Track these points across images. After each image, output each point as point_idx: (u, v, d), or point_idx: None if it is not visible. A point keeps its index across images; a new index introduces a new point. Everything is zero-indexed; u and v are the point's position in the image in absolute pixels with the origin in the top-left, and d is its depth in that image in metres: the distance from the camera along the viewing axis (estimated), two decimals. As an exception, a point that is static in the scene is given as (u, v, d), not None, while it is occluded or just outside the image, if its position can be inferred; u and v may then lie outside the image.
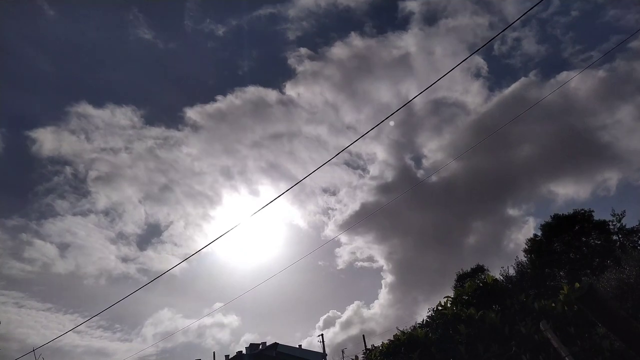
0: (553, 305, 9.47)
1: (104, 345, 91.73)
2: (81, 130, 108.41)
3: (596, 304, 3.41)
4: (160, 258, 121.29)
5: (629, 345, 3.59)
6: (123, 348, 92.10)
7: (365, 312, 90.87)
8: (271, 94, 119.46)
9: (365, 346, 41.73)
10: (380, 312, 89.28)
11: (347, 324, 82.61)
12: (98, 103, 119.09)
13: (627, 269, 11.76)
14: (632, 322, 3.44)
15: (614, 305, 3.68)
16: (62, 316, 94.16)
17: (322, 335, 50.92)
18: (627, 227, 30.67)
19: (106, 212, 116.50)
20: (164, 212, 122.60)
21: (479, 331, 9.19)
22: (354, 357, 41.70)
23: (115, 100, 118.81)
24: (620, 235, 30.77)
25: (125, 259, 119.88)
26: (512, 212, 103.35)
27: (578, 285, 9.52)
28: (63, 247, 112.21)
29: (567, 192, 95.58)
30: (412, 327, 12.22)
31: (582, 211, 31.51)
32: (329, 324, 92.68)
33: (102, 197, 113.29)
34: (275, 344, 51.02)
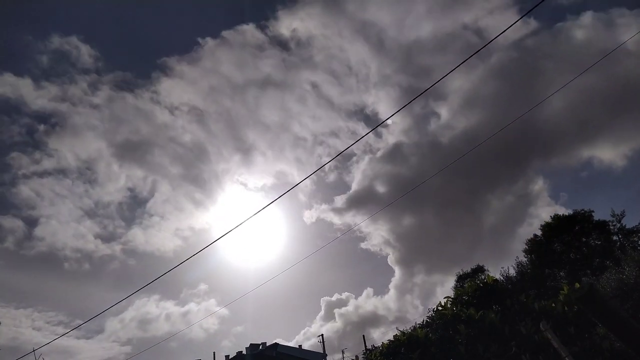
0: (553, 305, 9.47)
1: (68, 343, 78.75)
2: (30, 71, 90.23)
3: (596, 304, 3.42)
4: (148, 236, 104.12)
5: (629, 345, 3.60)
6: (89, 347, 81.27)
7: (375, 302, 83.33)
8: (259, 35, 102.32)
9: (365, 346, 41.76)
10: (391, 301, 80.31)
11: (348, 316, 76.42)
12: (45, 36, 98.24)
13: (627, 269, 11.77)
14: (632, 322, 3.44)
15: (614, 305, 3.69)
16: (13, 310, 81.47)
17: (322, 335, 50.91)
18: (627, 227, 30.74)
19: (79, 173, 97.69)
20: (143, 174, 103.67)
21: (479, 331, 9.19)
22: (354, 358, 41.75)
23: (66, 32, 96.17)
24: (620, 236, 30.81)
25: (107, 239, 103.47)
26: (538, 181, 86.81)
27: (578, 285, 9.57)
28: (32, 223, 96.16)
29: (603, 157, 79.98)
30: (412, 328, 12.23)
31: (582, 211, 31.58)
32: (329, 316, 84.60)
33: (69, 155, 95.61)
34: (276, 344, 51.07)
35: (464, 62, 8.94)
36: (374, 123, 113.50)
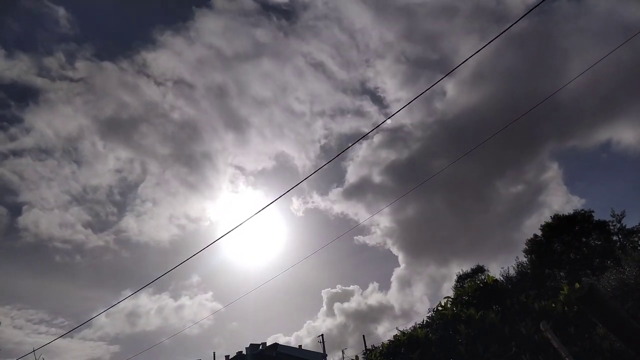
0: (553, 305, 9.47)
1: (48, 341, 76.34)
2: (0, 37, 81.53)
3: (596, 304, 3.41)
4: (141, 224, 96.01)
5: (629, 345, 3.59)
6: (73, 345, 75.32)
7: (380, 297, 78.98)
8: (250, 1, 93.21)
9: (365, 346, 41.78)
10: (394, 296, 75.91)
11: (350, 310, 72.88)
12: None
13: (627, 269, 11.75)
14: (632, 322, 3.44)
15: (614, 305, 3.68)
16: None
17: (322, 335, 50.92)
18: (627, 227, 30.76)
19: (63, 151, 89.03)
20: (132, 154, 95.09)
21: (479, 331, 9.19)
22: (354, 358, 41.73)
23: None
24: (620, 236, 30.83)
25: (98, 228, 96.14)
26: (552, 166, 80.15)
27: (578, 285, 9.57)
28: (15, 210, 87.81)
29: (623, 139, 72.47)
30: (412, 328, 12.24)
31: (582, 211, 31.62)
32: (331, 310, 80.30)
33: (49, 131, 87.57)
34: (275, 344, 51.11)
35: (467, 59, 8.94)
36: (377, 98, 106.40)
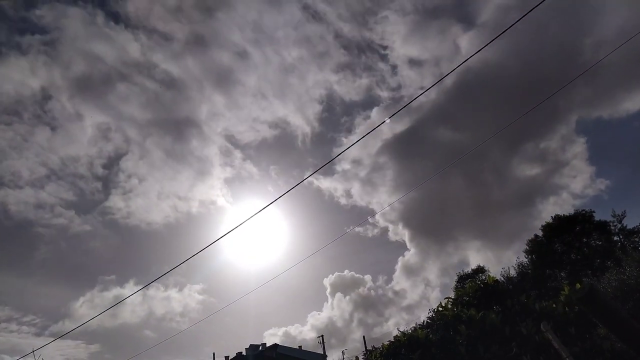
0: (554, 306, 9.47)
1: (23, 341, 68.65)
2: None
3: (597, 304, 3.41)
4: (130, 204, 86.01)
5: (630, 346, 3.59)
6: (49, 345, 70.60)
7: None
8: None
9: (366, 347, 41.76)
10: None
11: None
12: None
13: (627, 270, 11.73)
14: (632, 323, 3.44)
15: (614, 306, 3.68)
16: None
17: (322, 336, 50.88)
18: (627, 227, 30.75)
19: (33, 115, 77.00)
20: (109, 120, 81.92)
21: (480, 332, 9.18)
22: (354, 358, 41.73)
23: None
24: (621, 236, 30.82)
25: (83, 210, 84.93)
26: (578, 141, 74.30)
27: (579, 286, 9.56)
28: None
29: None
30: (412, 328, 12.24)
31: (583, 212, 31.62)
32: (333, 303, 77.10)
33: (7, 86, 74.24)
34: (275, 345, 51.16)
35: (462, 64, 8.93)
36: (381, 55, 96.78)
